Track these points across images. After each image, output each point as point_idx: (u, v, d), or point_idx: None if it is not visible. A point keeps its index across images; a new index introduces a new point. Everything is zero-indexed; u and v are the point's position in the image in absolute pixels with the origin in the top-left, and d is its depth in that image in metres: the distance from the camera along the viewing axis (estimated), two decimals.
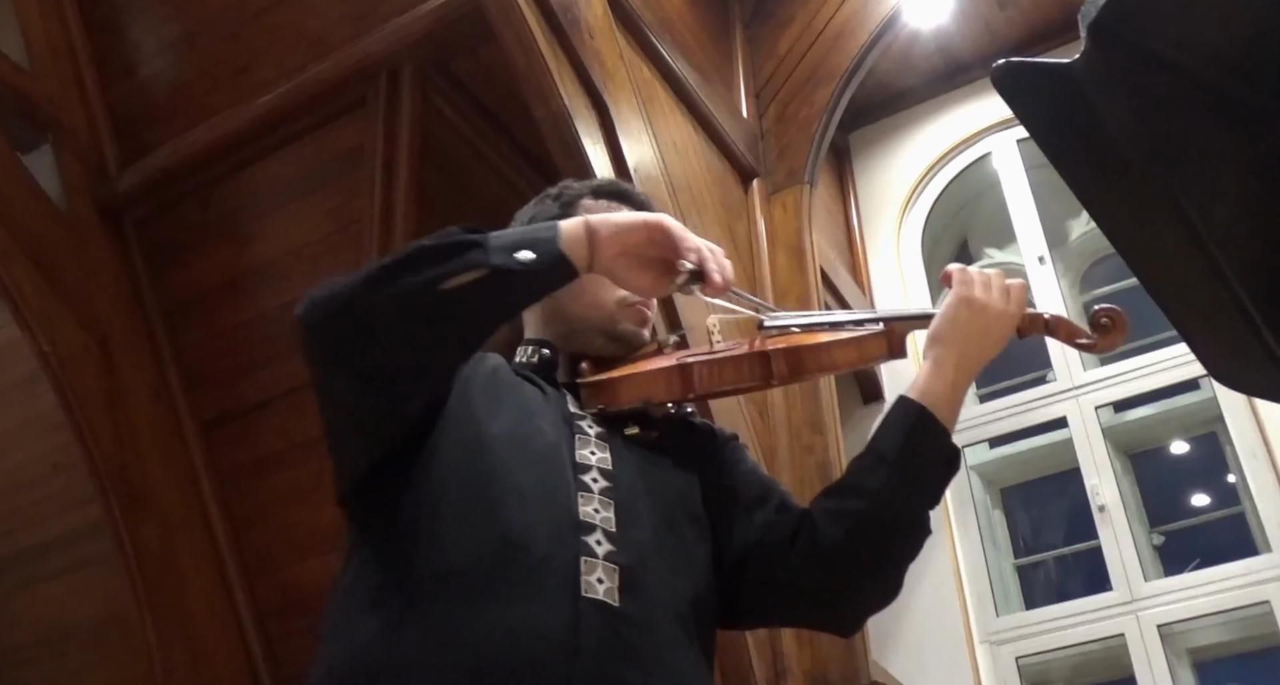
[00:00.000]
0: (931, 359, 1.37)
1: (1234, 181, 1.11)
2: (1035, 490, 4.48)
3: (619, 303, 1.45)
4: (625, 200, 1.54)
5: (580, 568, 1.20)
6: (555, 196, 1.56)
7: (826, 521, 1.33)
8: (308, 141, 3.64)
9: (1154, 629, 3.72)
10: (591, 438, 1.35)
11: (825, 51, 4.34)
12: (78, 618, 3.75)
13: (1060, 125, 1.18)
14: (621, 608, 1.19)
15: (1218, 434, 4.11)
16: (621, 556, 1.23)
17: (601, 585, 1.20)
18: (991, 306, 1.36)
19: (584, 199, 1.53)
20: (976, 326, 1.36)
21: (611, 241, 1.22)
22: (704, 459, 1.45)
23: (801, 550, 1.33)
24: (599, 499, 1.28)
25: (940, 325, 1.37)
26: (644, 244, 1.23)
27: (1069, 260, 4.70)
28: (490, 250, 1.16)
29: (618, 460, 1.34)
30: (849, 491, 1.34)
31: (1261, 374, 1.19)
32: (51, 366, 3.48)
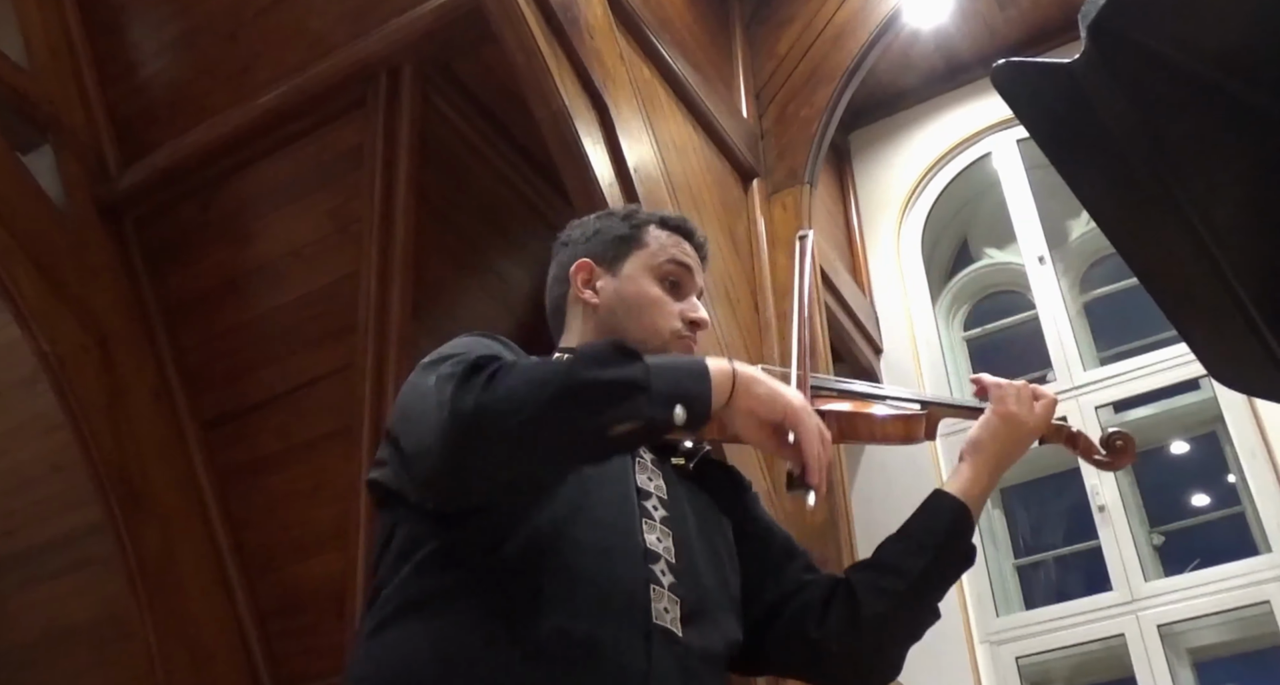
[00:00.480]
0: (972, 464, 1.51)
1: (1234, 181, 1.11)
2: (1035, 490, 4.48)
3: (672, 332, 1.50)
4: (689, 238, 1.59)
5: (650, 594, 1.24)
6: (624, 217, 1.60)
7: (869, 595, 1.42)
8: (308, 141, 3.64)
9: (1154, 629, 3.72)
10: (648, 463, 1.40)
11: (825, 51, 4.34)
12: (78, 618, 3.75)
13: (1060, 125, 1.18)
14: (684, 638, 1.25)
15: (1218, 434, 4.11)
16: (682, 588, 1.28)
17: (668, 614, 1.25)
18: (1026, 422, 1.53)
19: (652, 225, 1.57)
20: (1012, 438, 1.52)
21: (748, 404, 1.23)
22: (734, 500, 1.51)
23: (841, 617, 1.41)
24: (660, 528, 1.32)
25: (981, 436, 1.52)
26: (774, 419, 1.24)
27: (1069, 260, 4.70)
28: (651, 397, 1.16)
29: (670, 489, 1.39)
30: (894, 571, 1.44)
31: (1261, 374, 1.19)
32: (51, 366, 3.47)
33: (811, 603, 1.44)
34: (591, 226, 1.60)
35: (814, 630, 1.42)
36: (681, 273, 1.54)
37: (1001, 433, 1.52)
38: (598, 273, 1.54)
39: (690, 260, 1.56)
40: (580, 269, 1.54)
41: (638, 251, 1.55)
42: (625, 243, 1.56)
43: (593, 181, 3.02)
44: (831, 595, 1.44)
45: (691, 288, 1.55)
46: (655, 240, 1.55)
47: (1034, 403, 1.54)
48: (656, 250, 1.54)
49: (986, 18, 4.82)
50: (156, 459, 3.64)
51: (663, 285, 1.53)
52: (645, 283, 1.52)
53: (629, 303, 1.50)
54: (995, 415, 1.53)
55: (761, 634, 1.43)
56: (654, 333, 1.48)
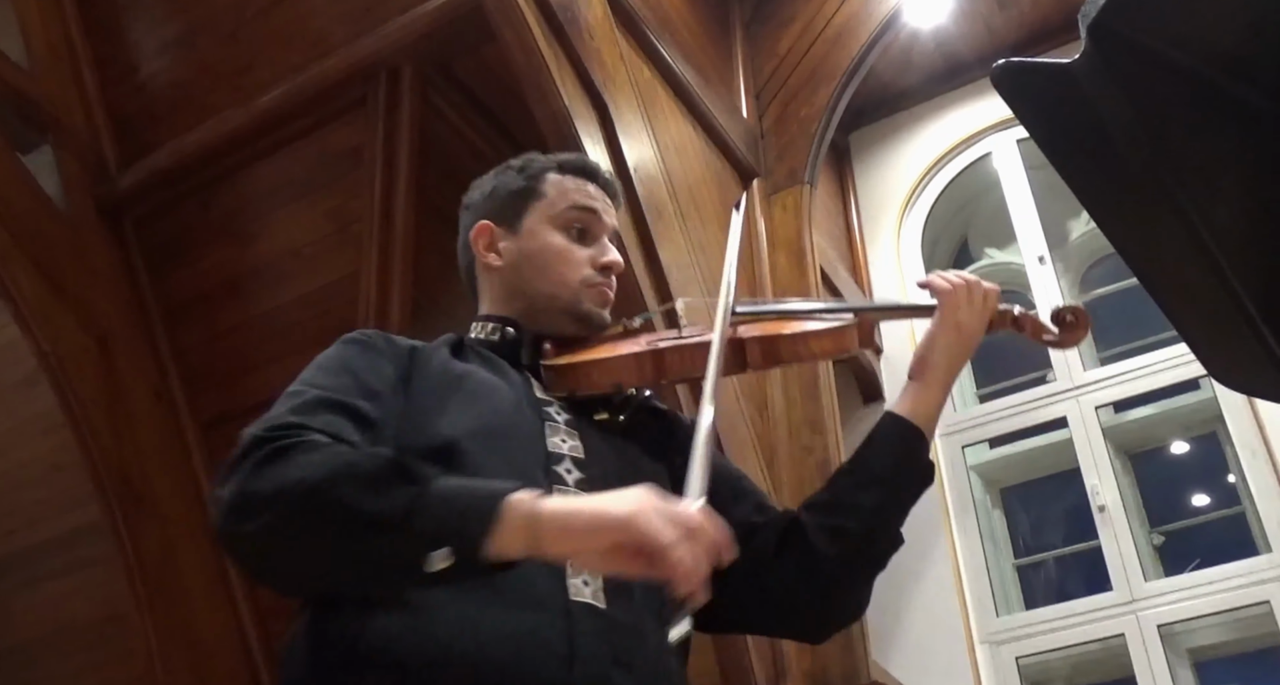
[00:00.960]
0: (922, 382, 1.40)
1: (1234, 181, 1.11)
2: (1035, 490, 4.48)
3: (583, 281, 1.43)
4: (591, 178, 1.50)
5: (566, 570, 1.16)
6: (520, 169, 1.51)
7: (822, 537, 1.33)
8: (308, 141, 3.63)
9: (1154, 629, 3.72)
10: (561, 425, 1.32)
11: (825, 51, 4.34)
12: (78, 618, 3.75)
13: (1060, 125, 1.18)
14: (609, 610, 1.17)
15: (1218, 434, 4.11)
16: None
17: (588, 587, 1.17)
18: (973, 324, 1.41)
19: (550, 172, 1.50)
20: (962, 347, 1.41)
21: (565, 542, 1.04)
22: (673, 448, 1.39)
23: (794, 562, 1.33)
24: (574, 493, 1.23)
25: (931, 352, 1.41)
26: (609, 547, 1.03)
27: (1069, 260, 4.70)
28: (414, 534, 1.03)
29: (589, 448, 1.31)
30: (843, 508, 1.35)
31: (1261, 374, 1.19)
32: (51, 366, 3.47)
33: (762, 549, 1.34)
34: (488, 184, 1.53)
35: (768, 579, 1.33)
36: (587, 218, 1.47)
37: (953, 344, 1.40)
38: (498, 233, 1.48)
39: (595, 202, 1.48)
40: (480, 233, 1.49)
41: (536, 203, 1.47)
42: (522, 196, 1.48)
43: None
44: (783, 540, 1.35)
45: (601, 231, 1.48)
46: (554, 187, 1.48)
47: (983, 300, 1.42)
48: (556, 198, 1.47)
49: (986, 18, 4.82)
50: (156, 459, 3.64)
51: (568, 234, 1.46)
52: (548, 235, 1.45)
53: (533, 259, 1.43)
54: (945, 327, 1.41)
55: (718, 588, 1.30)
56: (563, 285, 1.42)
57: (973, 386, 4.55)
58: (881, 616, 3.83)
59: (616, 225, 1.52)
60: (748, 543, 1.32)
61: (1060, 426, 4.23)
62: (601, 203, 1.49)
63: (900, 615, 3.99)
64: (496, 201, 1.50)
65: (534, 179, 1.49)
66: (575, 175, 1.50)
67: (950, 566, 4.03)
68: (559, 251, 1.44)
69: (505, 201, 1.49)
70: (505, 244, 1.47)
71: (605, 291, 1.45)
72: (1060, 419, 4.23)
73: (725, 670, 3.00)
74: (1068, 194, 1.28)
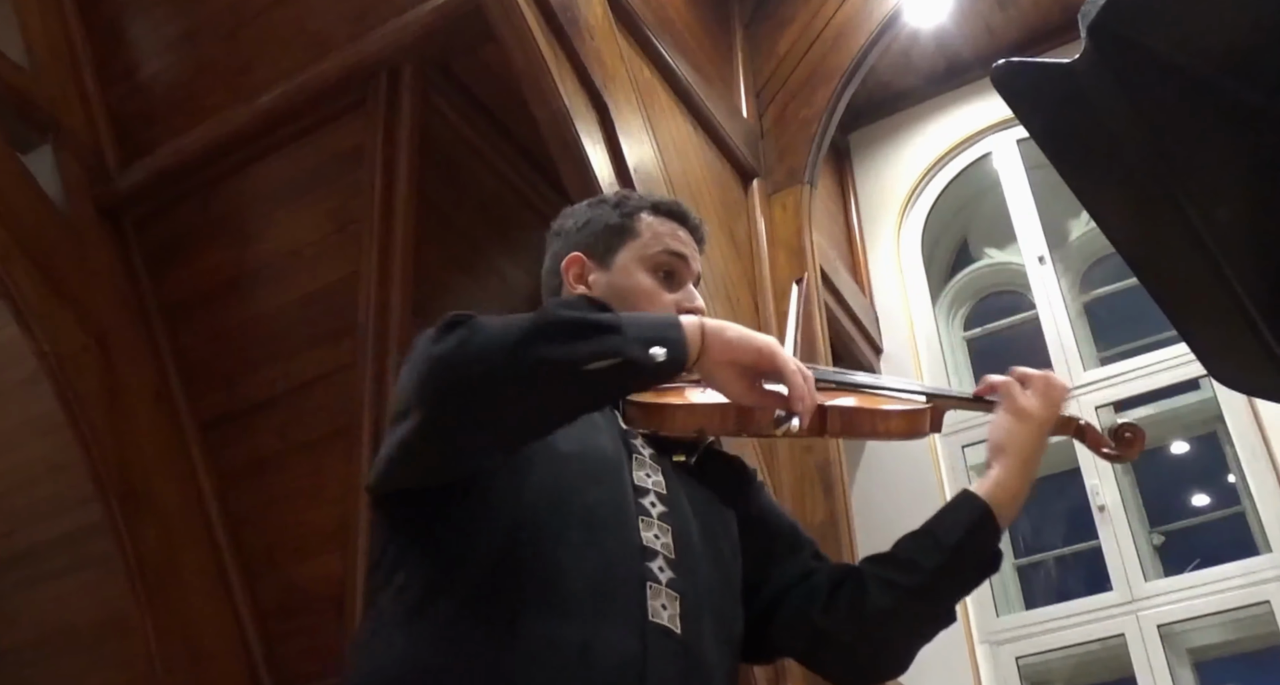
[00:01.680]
0: (999, 466, 1.45)
1: (1234, 181, 1.11)
2: (1035, 490, 4.46)
3: None
4: (682, 222, 1.55)
5: (647, 593, 1.22)
6: (615, 204, 1.55)
7: (879, 588, 1.38)
8: (308, 141, 3.63)
9: (1154, 629, 3.72)
10: (646, 459, 1.37)
11: (825, 51, 4.34)
12: (78, 618, 3.75)
13: (1060, 125, 1.18)
14: (683, 635, 1.22)
15: (1218, 434, 4.11)
16: (681, 584, 1.26)
17: (665, 612, 1.22)
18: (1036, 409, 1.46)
19: (644, 212, 1.53)
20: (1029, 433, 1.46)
21: (723, 352, 1.19)
22: (737, 492, 1.48)
23: (847, 606, 1.39)
24: (658, 524, 1.29)
25: (999, 437, 1.46)
26: (749, 362, 1.20)
27: (1069, 260, 4.70)
28: (627, 338, 1.14)
29: (670, 484, 1.36)
30: (906, 567, 1.39)
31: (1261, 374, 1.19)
32: (51, 366, 3.47)
33: (818, 588, 1.41)
34: (583, 216, 1.56)
35: (819, 616, 1.39)
36: (675, 262, 1.51)
37: (1017, 430, 1.46)
38: (589, 266, 1.51)
39: (685, 248, 1.52)
40: (572, 263, 1.51)
41: (630, 242, 1.51)
42: (617, 233, 1.51)
43: (593, 181, 3.02)
44: (840, 583, 1.41)
45: (687, 276, 1.52)
46: (648, 229, 1.51)
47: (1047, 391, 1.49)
48: (649, 240, 1.50)
49: (986, 18, 4.82)
50: (156, 459, 3.64)
51: (656, 276, 1.49)
52: (638, 275, 1.49)
53: (622, 297, 1.45)
54: (1006, 413, 1.47)
55: (767, 620, 1.41)
56: None
57: (972, 387, 4.53)
58: None
59: (700, 271, 1.56)
60: (805, 581, 1.42)
61: None
62: (691, 248, 1.53)
63: None
64: (590, 235, 1.53)
65: (629, 217, 1.53)
66: (668, 218, 1.54)
67: None
68: (647, 293, 1.47)
69: (600, 236, 1.52)
70: (595, 277, 1.50)
71: None
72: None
73: None
74: (1068, 194, 1.28)
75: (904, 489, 4.18)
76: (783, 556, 1.46)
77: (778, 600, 1.41)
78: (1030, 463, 1.46)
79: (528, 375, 1.13)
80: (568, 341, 1.13)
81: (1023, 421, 1.45)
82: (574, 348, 1.12)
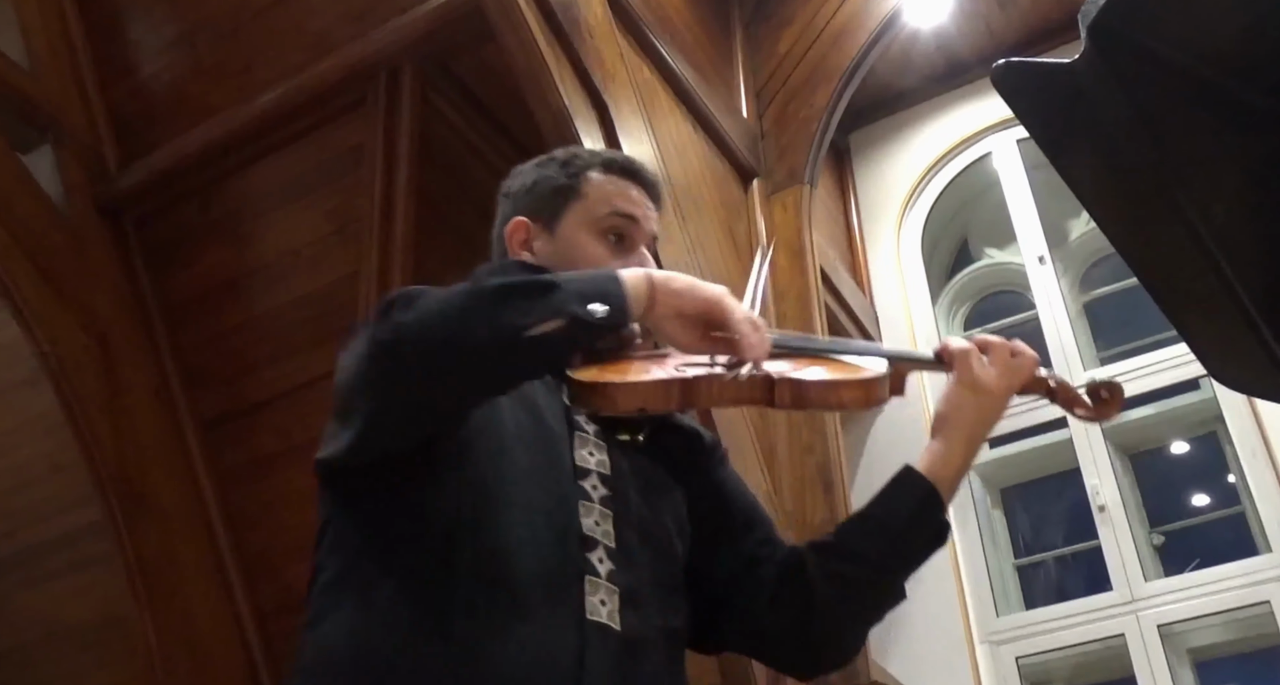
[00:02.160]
0: (941, 439, 1.38)
1: (1234, 181, 1.11)
2: (1035, 490, 4.48)
3: None
4: (635, 179, 1.45)
5: (585, 588, 1.17)
6: (563, 163, 1.45)
7: (826, 581, 1.33)
8: (308, 141, 3.64)
9: (1154, 629, 3.72)
10: (590, 437, 1.30)
11: (825, 51, 4.34)
12: (78, 618, 3.75)
13: (1060, 125, 1.18)
14: (623, 631, 1.18)
15: (1218, 434, 4.11)
16: (621, 576, 1.21)
17: (604, 607, 1.18)
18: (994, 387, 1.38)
19: (592, 171, 1.44)
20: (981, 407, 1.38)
21: (669, 302, 1.14)
22: (691, 468, 1.40)
23: (794, 601, 1.34)
24: (599, 510, 1.24)
25: (946, 409, 1.39)
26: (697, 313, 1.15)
27: (1069, 260, 4.70)
28: (565, 297, 1.09)
29: (614, 464, 1.30)
30: (852, 557, 1.35)
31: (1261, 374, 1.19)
32: (51, 366, 3.48)
33: (764, 582, 1.35)
34: (529, 176, 1.46)
35: (764, 614, 1.34)
36: (626, 224, 1.41)
37: (968, 402, 1.38)
38: (534, 231, 1.42)
39: (636, 208, 1.42)
40: (515, 229, 1.42)
41: (576, 204, 1.41)
42: (562, 195, 1.42)
43: None
44: (786, 577, 1.35)
45: (640, 238, 1.42)
46: (596, 189, 1.42)
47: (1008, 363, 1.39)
48: (597, 201, 1.41)
49: (986, 18, 4.81)
50: (156, 459, 3.64)
51: (605, 240, 1.40)
52: (585, 240, 1.40)
53: (567, 264, 1.35)
54: (960, 385, 1.38)
55: (716, 612, 1.35)
56: None
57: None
58: None
59: (657, 231, 1.46)
60: (750, 573, 1.36)
61: (1060, 426, 4.23)
62: (643, 208, 1.43)
63: (900, 615, 3.96)
64: (535, 197, 1.44)
65: (575, 176, 1.43)
66: (619, 175, 1.44)
67: (950, 566, 4.03)
68: (593, 260, 1.38)
69: (544, 198, 1.43)
70: (540, 244, 1.42)
71: None
72: (1060, 419, 4.22)
73: (725, 670, 3.00)
74: (1068, 194, 1.28)
75: None
76: (731, 541, 1.39)
77: (724, 595, 1.36)
78: (976, 438, 1.40)
79: (468, 348, 1.09)
80: (503, 308, 1.08)
81: (976, 393, 1.38)
82: (511, 314, 1.08)
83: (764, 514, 1.45)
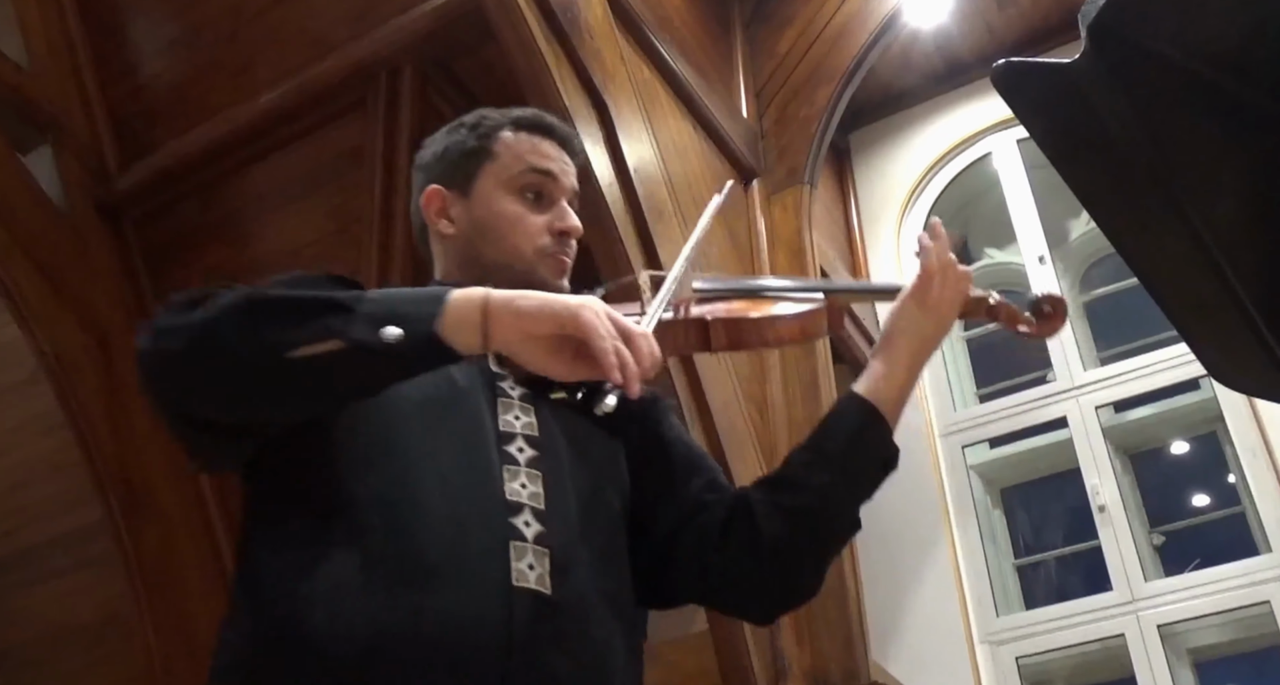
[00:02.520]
0: (885, 358, 1.35)
1: (1234, 181, 1.11)
2: (1035, 490, 4.48)
3: (538, 251, 1.35)
4: (548, 135, 1.41)
5: (510, 554, 1.13)
6: (472, 126, 1.41)
7: (768, 515, 1.28)
8: (308, 141, 3.64)
9: (1154, 629, 3.72)
10: (515, 400, 1.26)
11: (825, 51, 4.34)
12: (78, 618, 3.75)
13: (1060, 125, 1.18)
14: (553, 595, 1.14)
15: (1218, 434, 4.11)
16: (551, 537, 1.17)
17: (533, 572, 1.13)
18: (944, 305, 1.35)
19: (503, 131, 1.40)
20: (932, 326, 1.36)
21: (514, 326, 1.04)
22: (629, 419, 1.34)
23: (739, 541, 1.29)
24: (525, 472, 1.20)
25: (899, 327, 1.36)
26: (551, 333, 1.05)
27: (1069, 260, 4.70)
28: (356, 317, 1.02)
29: (543, 425, 1.26)
30: (792, 486, 1.30)
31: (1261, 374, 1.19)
32: (51, 366, 3.48)
33: (710, 526, 1.30)
34: (440, 143, 1.43)
35: (712, 556, 1.29)
36: (541, 181, 1.37)
37: (922, 323, 1.35)
38: (449, 198, 1.38)
39: (551, 163, 1.39)
40: (430, 198, 1.39)
41: (487, 165, 1.38)
42: (473, 158, 1.39)
43: (593, 181, 3.02)
44: (730, 517, 1.30)
45: (559, 193, 1.38)
46: (507, 148, 1.38)
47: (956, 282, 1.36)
48: (509, 159, 1.38)
49: (986, 18, 4.81)
50: (156, 459, 3.64)
51: (522, 199, 1.36)
52: (501, 200, 1.36)
53: (485, 228, 1.34)
54: (914, 303, 1.35)
55: (663, 565, 1.31)
56: (517, 255, 1.34)
57: (973, 386, 4.55)
58: (881, 616, 3.83)
59: (576, 186, 1.42)
60: (695, 520, 1.31)
61: (1060, 426, 4.23)
62: (559, 163, 1.40)
63: (900, 615, 3.99)
64: (446, 163, 1.41)
65: (485, 138, 1.39)
66: (531, 133, 1.40)
67: (950, 566, 4.03)
68: (512, 219, 1.35)
69: (456, 163, 1.40)
70: (456, 210, 1.38)
71: (563, 260, 1.37)
72: (1060, 419, 4.22)
73: (725, 670, 3.00)
74: (1068, 194, 1.28)
75: (904, 489, 4.18)
76: (674, 489, 1.34)
77: (670, 543, 1.31)
78: (923, 356, 1.36)
79: (225, 365, 1.05)
80: (279, 323, 1.03)
81: (929, 313, 1.35)
82: (283, 330, 1.02)
83: (708, 462, 1.41)
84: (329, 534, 1.13)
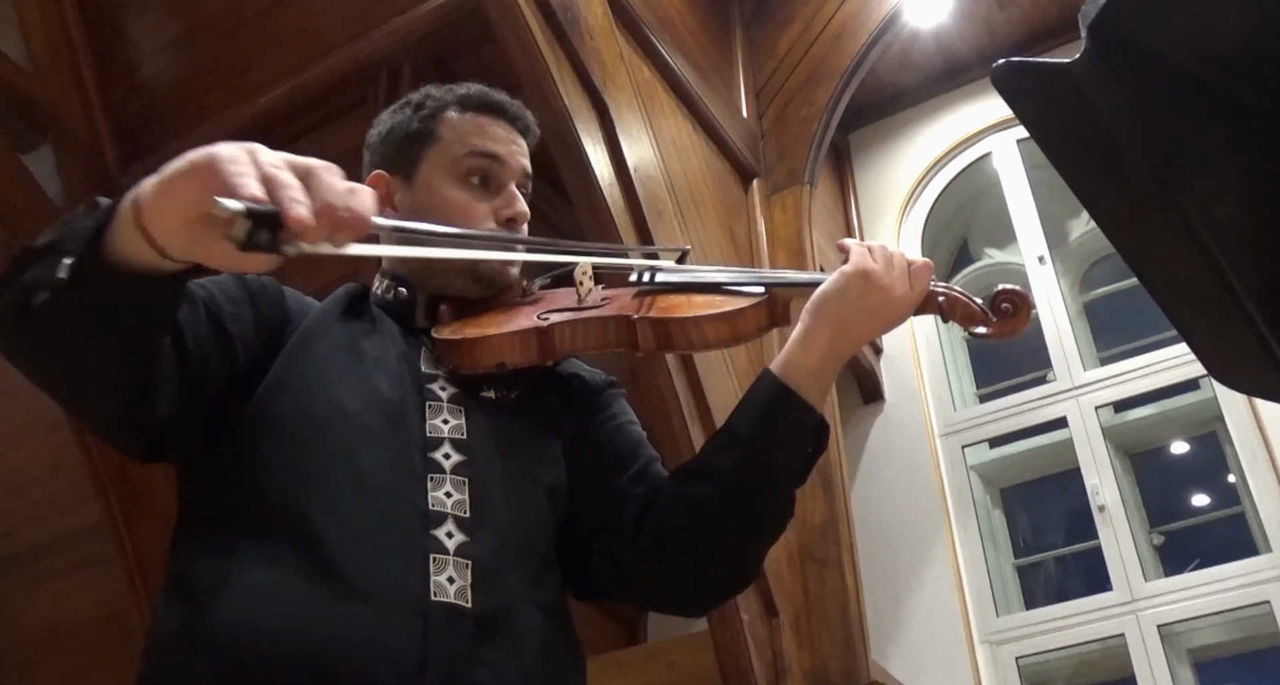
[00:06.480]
0: (804, 328, 1.21)
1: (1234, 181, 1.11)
2: (1035, 490, 4.48)
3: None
4: (496, 114, 1.34)
5: (430, 567, 1.08)
6: (416, 106, 1.36)
7: (673, 507, 1.21)
8: (308, 141, 3.64)
9: (1154, 629, 3.72)
10: (444, 403, 1.20)
11: (825, 51, 4.34)
12: (78, 617, 3.75)
13: (1060, 125, 1.18)
14: (474, 608, 1.09)
15: (1218, 434, 4.11)
16: (474, 548, 1.12)
17: (452, 585, 1.09)
18: (891, 287, 1.21)
19: (448, 111, 1.34)
20: (867, 304, 1.21)
21: (158, 207, 0.88)
22: (567, 415, 1.30)
23: (650, 537, 1.21)
24: (451, 480, 1.14)
25: (826, 295, 1.21)
26: (200, 196, 0.86)
27: (1069, 260, 4.70)
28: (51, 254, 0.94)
29: (472, 428, 1.20)
30: (699, 475, 1.22)
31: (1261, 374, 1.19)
32: None
33: (625, 523, 1.22)
34: (385, 125, 1.37)
35: (625, 555, 1.21)
36: (487, 165, 1.31)
37: (854, 291, 1.19)
38: (394, 184, 1.32)
39: (498, 146, 1.32)
40: (374, 184, 1.30)
41: (431, 149, 1.32)
42: (416, 141, 1.32)
43: (593, 181, 3.02)
44: (642, 511, 1.22)
45: (507, 176, 1.32)
46: (451, 130, 1.32)
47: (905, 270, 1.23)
48: (452, 142, 1.31)
49: (986, 18, 4.82)
50: None
51: (467, 184, 1.30)
52: (444, 187, 1.30)
53: (427, 215, 1.26)
54: (851, 269, 1.20)
55: (584, 561, 1.24)
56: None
57: (973, 386, 4.55)
58: (881, 616, 3.83)
59: (528, 167, 1.35)
60: (617, 514, 1.24)
61: (1060, 426, 4.23)
62: (506, 145, 1.33)
63: (900, 615, 3.99)
64: (389, 146, 1.34)
65: (429, 119, 1.33)
66: (477, 112, 1.34)
67: (950, 566, 4.03)
68: (456, 207, 1.28)
69: (399, 146, 1.33)
70: (400, 196, 1.31)
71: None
72: (1060, 419, 4.23)
73: (725, 670, 3.01)
74: (1068, 194, 1.28)
75: (904, 489, 4.18)
76: (600, 481, 1.26)
77: (590, 541, 1.24)
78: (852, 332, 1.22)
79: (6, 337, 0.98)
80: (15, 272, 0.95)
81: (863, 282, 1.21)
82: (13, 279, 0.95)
83: (644, 450, 1.31)
84: (249, 545, 1.08)
